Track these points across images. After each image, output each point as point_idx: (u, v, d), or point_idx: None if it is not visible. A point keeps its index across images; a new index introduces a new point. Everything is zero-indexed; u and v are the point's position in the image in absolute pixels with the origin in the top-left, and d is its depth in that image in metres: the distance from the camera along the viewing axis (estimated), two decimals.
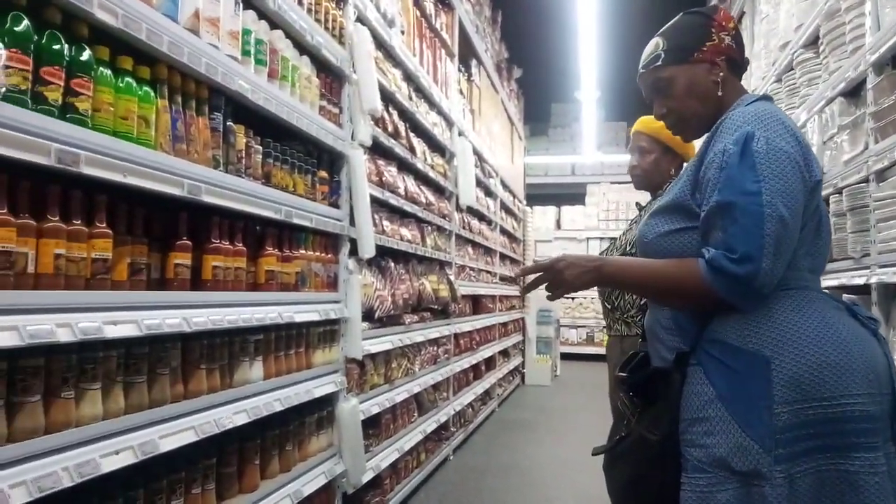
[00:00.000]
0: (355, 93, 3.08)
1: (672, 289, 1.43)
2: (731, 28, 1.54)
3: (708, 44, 1.51)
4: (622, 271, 1.50)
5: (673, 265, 1.43)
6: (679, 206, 1.46)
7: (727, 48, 1.52)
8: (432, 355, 4.51)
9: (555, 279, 1.51)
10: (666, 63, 1.53)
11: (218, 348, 2.07)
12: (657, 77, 1.55)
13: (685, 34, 1.54)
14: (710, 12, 1.54)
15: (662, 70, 1.54)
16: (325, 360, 2.80)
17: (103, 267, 1.59)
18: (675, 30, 1.56)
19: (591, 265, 1.50)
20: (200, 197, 1.91)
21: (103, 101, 1.59)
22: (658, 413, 1.45)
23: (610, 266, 1.50)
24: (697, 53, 1.51)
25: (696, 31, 1.53)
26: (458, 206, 5.28)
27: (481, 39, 6.52)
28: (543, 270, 1.52)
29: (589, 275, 1.50)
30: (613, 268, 1.50)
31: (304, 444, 2.64)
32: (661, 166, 2.59)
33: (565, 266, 1.50)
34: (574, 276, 1.49)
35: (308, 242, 2.69)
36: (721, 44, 1.51)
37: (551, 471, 4.69)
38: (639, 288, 1.53)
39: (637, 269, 1.49)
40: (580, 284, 1.52)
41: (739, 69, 1.57)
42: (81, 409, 1.52)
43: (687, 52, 1.52)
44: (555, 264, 1.51)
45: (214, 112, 2.05)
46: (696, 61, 1.51)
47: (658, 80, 1.55)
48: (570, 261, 1.51)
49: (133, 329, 1.63)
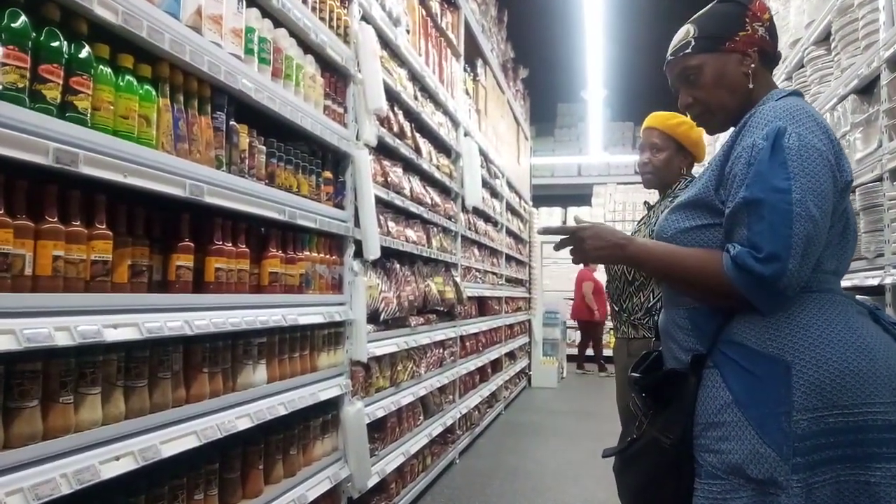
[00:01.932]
0: (360, 92, 3.04)
1: (693, 280, 1.39)
2: (766, 19, 1.49)
3: (741, 34, 1.46)
4: (646, 253, 1.46)
5: (697, 256, 1.39)
6: (702, 202, 1.42)
7: (760, 39, 1.47)
8: (438, 358, 4.47)
9: (576, 246, 1.48)
10: (696, 51, 1.49)
11: (221, 351, 2.03)
12: (686, 65, 1.51)
13: (718, 22, 1.49)
14: (745, 1, 1.49)
15: (692, 58, 1.49)
16: (330, 363, 2.76)
17: (103, 269, 1.55)
18: (708, 17, 1.51)
19: (616, 241, 1.46)
20: (203, 198, 1.88)
21: (103, 99, 1.56)
22: (672, 416, 1.41)
23: (635, 247, 1.46)
24: (729, 43, 1.46)
25: (729, 20, 1.48)
26: (464, 207, 5.24)
27: (487, 39, 6.48)
28: (568, 234, 1.49)
29: (611, 250, 1.47)
30: (638, 249, 1.46)
31: (308, 449, 2.61)
32: (672, 165, 2.54)
33: (589, 235, 1.47)
34: (595, 247, 1.47)
35: (312, 244, 2.66)
36: (754, 34, 1.46)
37: (559, 475, 4.64)
38: (659, 273, 1.49)
39: (661, 254, 1.44)
40: (600, 257, 1.50)
41: (771, 62, 1.52)
42: (81, 414, 1.49)
43: (718, 41, 1.47)
44: (580, 231, 1.48)
45: (217, 111, 2.02)
46: (727, 51, 1.46)
47: (686, 68, 1.51)
48: (595, 231, 1.48)
49: (133, 332, 1.60)
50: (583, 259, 1.50)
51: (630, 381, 1.57)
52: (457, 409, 4.93)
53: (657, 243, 1.47)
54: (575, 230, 1.49)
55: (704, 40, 1.49)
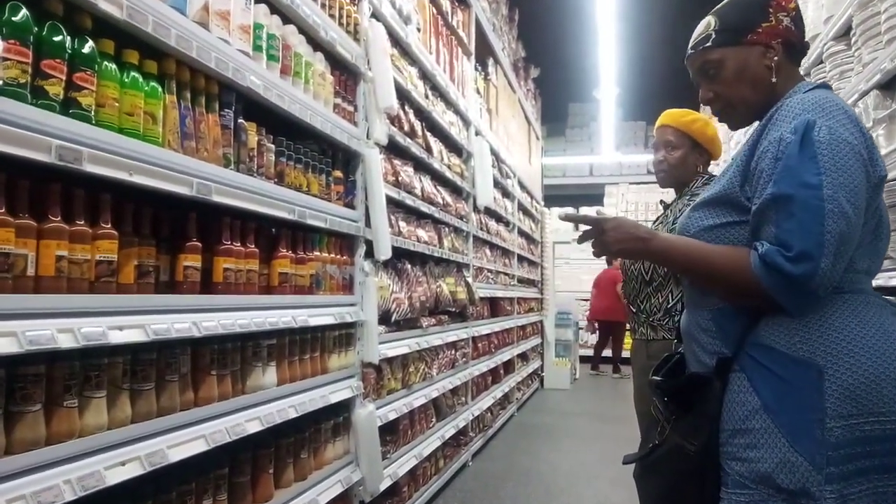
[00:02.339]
0: (370, 90, 3.00)
1: (718, 277, 1.33)
2: (792, 8, 1.43)
3: (764, 25, 1.40)
4: (670, 248, 1.41)
5: (724, 253, 1.33)
6: (726, 199, 1.36)
7: (785, 31, 1.41)
8: (450, 359, 4.42)
9: (598, 238, 1.44)
10: (716, 44, 1.43)
11: (230, 353, 2.00)
12: (705, 59, 1.45)
13: (740, 13, 1.43)
14: None
15: (711, 52, 1.44)
16: (341, 365, 2.72)
17: (108, 269, 1.52)
18: (730, 8, 1.45)
19: (640, 235, 1.42)
20: (210, 197, 1.84)
21: (108, 96, 1.52)
22: (696, 421, 1.36)
23: (658, 241, 1.41)
24: (751, 35, 1.40)
25: (751, 11, 1.42)
26: (476, 207, 5.19)
27: (498, 38, 6.43)
28: (591, 224, 1.45)
29: (634, 244, 1.42)
30: (661, 243, 1.41)
31: (319, 452, 2.57)
32: (688, 162, 2.48)
33: (612, 227, 1.42)
34: (617, 240, 1.42)
35: (323, 244, 2.62)
36: (778, 25, 1.40)
37: (573, 477, 4.57)
38: (683, 269, 1.44)
39: (685, 249, 1.39)
40: (621, 251, 1.46)
41: (798, 54, 1.46)
42: (85, 419, 1.45)
43: (739, 34, 1.41)
44: (602, 223, 1.44)
45: (225, 109, 1.99)
46: (749, 43, 1.41)
47: (706, 62, 1.45)
48: (618, 224, 1.43)
49: (140, 334, 1.56)
50: (604, 252, 1.46)
51: (651, 384, 1.52)
52: (469, 411, 4.87)
53: (681, 238, 1.42)
54: (597, 221, 1.44)
55: (725, 33, 1.43)
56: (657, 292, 2.45)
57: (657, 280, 2.43)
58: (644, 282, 2.47)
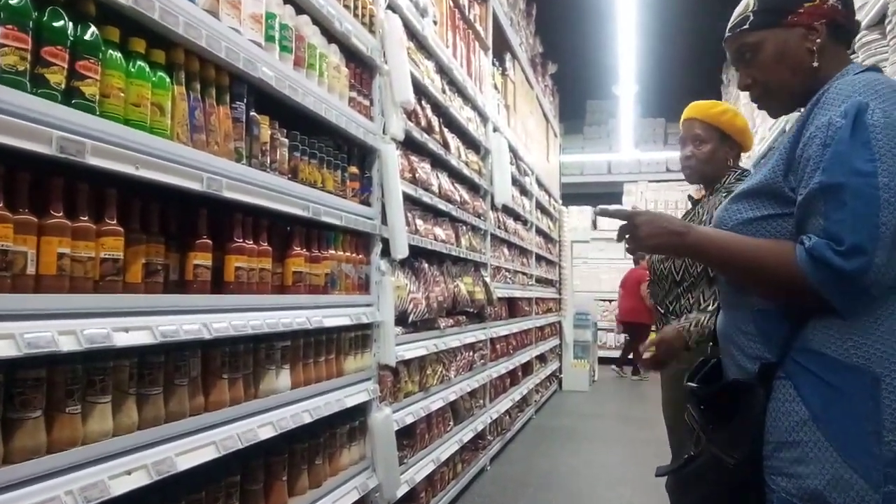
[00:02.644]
0: (386, 84, 2.92)
1: (761, 274, 1.23)
2: None
3: (806, 5, 1.29)
4: (708, 242, 1.31)
5: (767, 247, 1.23)
6: (768, 190, 1.26)
7: (830, 10, 1.30)
8: (468, 361, 4.33)
9: (630, 234, 1.35)
10: (753, 26, 1.33)
11: (242, 356, 1.92)
12: (742, 42, 1.36)
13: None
14: None
15: (749, 34, 1.34)
16: (357, 368, 2.64)
17: (113, 268, 1.44)
18: None
19: (675, 229, 1.32)
20: (221, 192, 1.76)
21: (113, 85, 1.45)
22: (736, 432, 1.25)
23: (695, 235, 1.31)
24: (792, 16, 1.30)
25: None
26: (494, 205, 5.09)
27: (516, 33, 6.32)
28: (623, 219, 1.36)
29: (668, 239, 1.32)
30: (699, 238, 1.31)
31: (334, 458, 2.48)
32: (718, 156, 2.36)
33: (644, 222, 1.33)
34: (650, 235, 1.32)
35: (338, 242, 2.54)
36: (823, 5, 1.29)
37: (595, 482, 4.46)
38: (722, 265, 1.33)
39: (725, 243, 1.29)
40: (655, 246, 1.37)
41: (846, 35, 1.35)
42: (89, 425, 1.38)
43: (779, 14, 1.31)
44: (634, 217, 1.34)
45: (236, 101, 1.91)
46: (789, 25, 1.30)
47: (743, 45, 1.35)
48: (651, 218, 1.34)
49: (146, 336, 1.48)
50: (637, 248, 1.36)
51: (687, 391, 1.42)
52: (487, 414, 4.78)
53: (720, 232, 1.31)
54: (630, 215, 1.34)
55: (763, 14, 1.33)
56: (688, 292, 2.33)
57: (689, 279, 2.32)
58: (674, 281, 2.36)
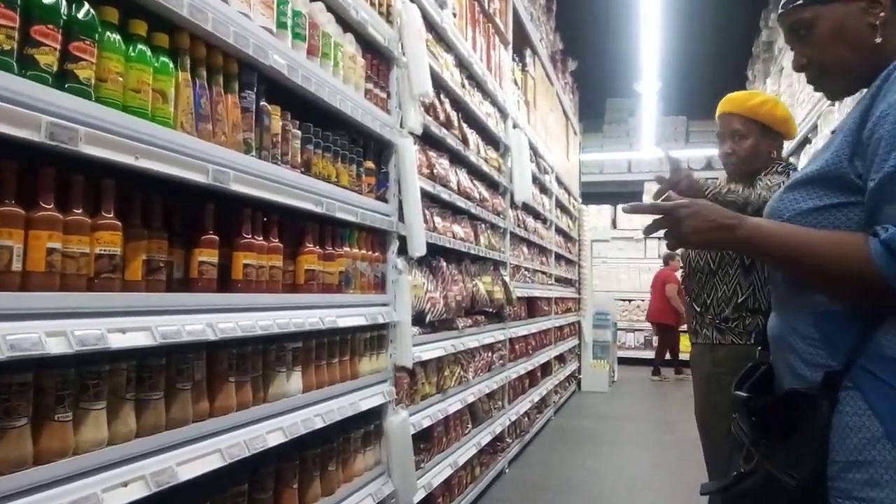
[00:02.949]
0: (404, 76, 2.81)
1: (828, 270, 1.10)
2: None
3: None
4: (766, 236, 1.17)
5: (835, 240, 1.10)
6: (830, 177, 1.13)
7: None
8: (487, 362, 4.21)
9: (672, 228, 1.22)
10: (809, 0, 1.20)
11: (250, 358, 1.82)
12: (796, 18, 1.23)
13: None
14: None
15: (803, 10, 1.21)
16: (373, 369, 2.54)
17: (109, 264, 1.35)
18: None
19: (724, 221, 1.19)
20: (228, 185, 1.66)
21: (111, 70, 1.35)
22: (797, 449, 1.12)
23: (748, 228, 1.18)
24: None
25: None
26: (513, 203, 4.96)
27: (536, 28, 6.19)
28: (662, 214, 1.23)
29: (717, 233, 1.19)
30: (753, 231, 1.18)
31: (348, 464, 2.38)
32: (760, 150, 2.22)
33: (688, 215, 1.20)
34: (695, 229, 1.20)
35: (353, 239, 2.43)
36: None
37: (615, 487, 4.33)
38: (781, 261, 1.19)
39: (785, 236, 1.15)
40: (702, 242, 1.23)
41: None
42: (82, 434, 1.28)
43: None
44: (676, 210, 1.21)
45: (246, 90, 1.81)
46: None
47: (797, 21, 1.23)
48: (696, 209, 1.20)
49: (145, 337, 1.39)
50: (680, 243, 1.24)
51: (737, 401, 1.29)
52: (506, 416, 4.66)
53: (778, 224, 1.18)
54: (671, 208, 1.22)
55: None
56: (722, 283, 2.19)
57: (723, 267, 2.18)
58: (710, 272, 2.21)
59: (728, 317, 2.17)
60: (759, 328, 2.15)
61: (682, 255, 2.44)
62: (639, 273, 11.73)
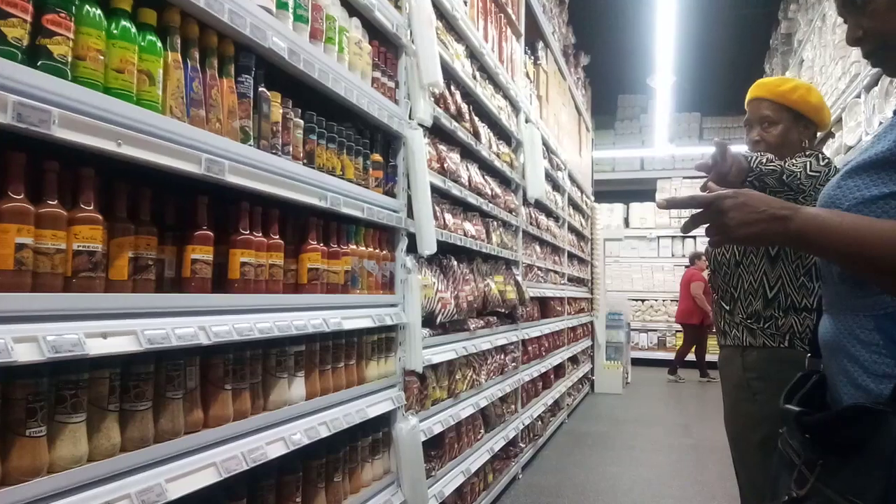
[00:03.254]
0: (413, 65, 2.67)
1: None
2: None
3: None
4: (825, 228, 1.02)
5: None
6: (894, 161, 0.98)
7: None
8: (499, 364, 4.07)
9: (716, 222, 1.08)
10: None
11: (248, 363, 1.69)
12: None
13: None
14: None
15: None
16: (381, 374, 2.40)
17: (89, 262, 1.22)
18: None
19: (776, 213, 1.04)
20: (223, 176, 1.53)
21: (90, 47, 1.23)
22: (861, 472, 0.98)
23: (803, 219, 1.03)
24: None
25: None
26: (526, 200, 4.82)
27: (548, 20, 6.04)
28: (703, 205, 1.09)
29: (767, 226, 1.05)
30: (808, 222, 1.03)
31: (355, 474, 2.25)
32: (791, 139, 2.06)
33: (733, 206, 1.06)
34: (741, 222, 1.06)
35: (359, 236, 2.30)
36: None
37: (635, 495, 4.17)
38: (845, 255, 1.03)
39: (848, 227, 1.00)
40: (750, 236, 1.08)
41: None
42: (57, 450, 1.15)
43: None
44: (718, 201, 1.07)
45: (243, 74, 1.68)
46: None
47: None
48: (743, 200, 1.06)
49: (129, 342, 1.26)
50: (725, 239, 1.09)
51: (787, 415, 1.14)
52: (519, 420, 4.51)
53: (838, 213, 1.03)
54: (713, 199, 1.07)
55: None
56: (748, 273, 2.03)
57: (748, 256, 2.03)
58: (735, 262, 2.06)
59: (759, 314, 2.01)
60: (795, 329, 2.00)
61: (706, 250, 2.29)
62: (652, 272, 11.56)
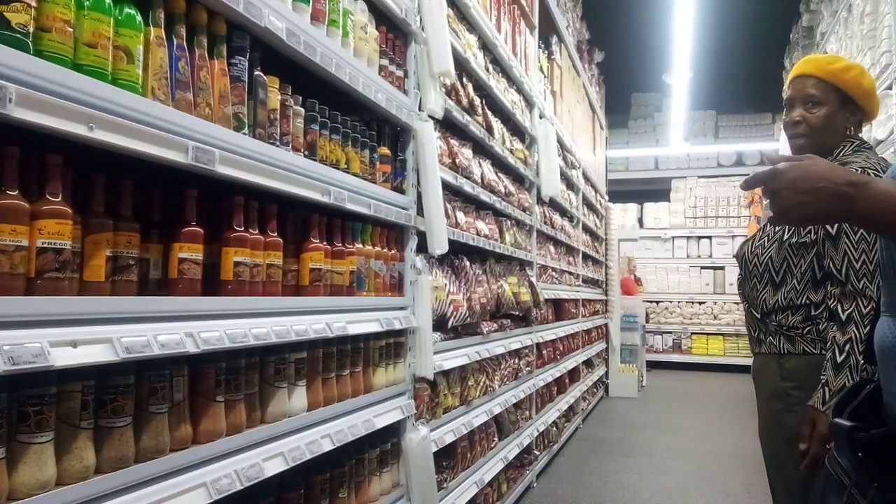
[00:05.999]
0: (423, 53, 2.53)
1: None
2: None
3: None
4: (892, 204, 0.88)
5: None
6: None
7: None
8: (513, 369, 3.91)
9: (773, 200, 0.95)
10: None
11: (243, 372, 1.55)
12: None
13: None
14: None
15: None
16: (389, 381, 2.25)
17: (56, 261, 1.08)
18: None
19: (838, 189, 0.90)
20: (213, 167, 1.39)
21: (56, 17, 1.09)
22: None
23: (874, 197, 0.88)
24: None
25: None
26: (540, 199, 4.66)
27: (563, 14, 5.87)
28: (762, 183, 0.97)
29: (828, 205, 0.91)
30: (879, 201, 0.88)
31: (362, 488, 2.10)
32: (835, 123, 1.88)
33: (787, 185, 0.92)
34: (799, 203, 0.92)
35: (365, 234, 2.15)
36: None
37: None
38: None
39: None
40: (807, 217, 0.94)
41: None
42: (18, 475, 1.01)
43: None
44: (776, 176, 0.94)
45: (236, 55, 1.54)
46: None
47: None
48: (798, 174, 0.92)
49: (104, 352, 1.12)
50: (782, 220, 0.95)
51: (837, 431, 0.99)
52: (534, 427, 4.35)
53: None
54: (771, 175, 0.94)
55: None
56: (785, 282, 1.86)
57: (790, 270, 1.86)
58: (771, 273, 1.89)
59: (800, 321, 1.84)
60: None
61: (736, 253, 2.11)
62: (666, 273, 11.35)
